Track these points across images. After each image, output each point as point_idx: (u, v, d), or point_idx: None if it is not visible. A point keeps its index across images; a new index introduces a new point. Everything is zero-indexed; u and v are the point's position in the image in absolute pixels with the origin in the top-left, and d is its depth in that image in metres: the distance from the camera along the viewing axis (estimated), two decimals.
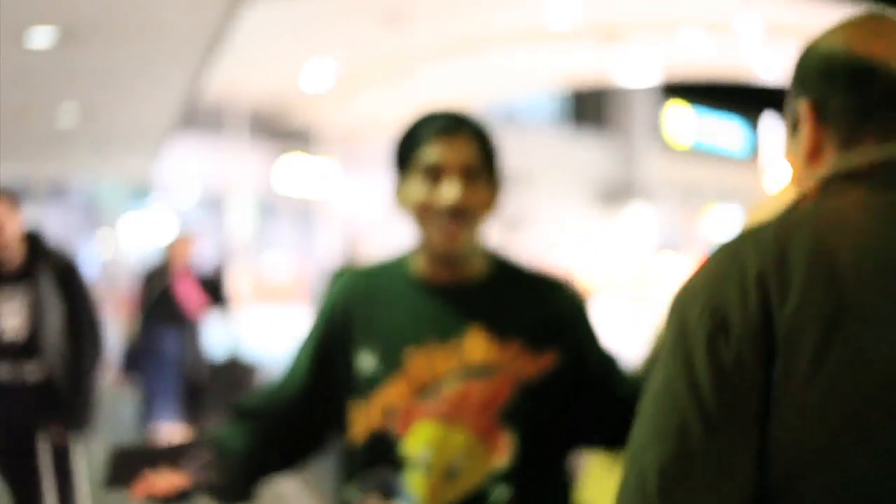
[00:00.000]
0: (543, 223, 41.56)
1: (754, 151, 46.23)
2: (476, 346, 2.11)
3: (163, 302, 9.38)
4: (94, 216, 22.02)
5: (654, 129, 44.70)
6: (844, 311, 1.28)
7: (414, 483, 2.11)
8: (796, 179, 1.49)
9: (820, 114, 1.43)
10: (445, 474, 2.10)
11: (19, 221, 4.60)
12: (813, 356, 1.27)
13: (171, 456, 2.12)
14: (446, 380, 2.10)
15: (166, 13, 7.63)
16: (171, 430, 9.31)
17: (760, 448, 1.29)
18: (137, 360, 9.49)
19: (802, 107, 1.45)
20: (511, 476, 2.11)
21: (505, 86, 29.79)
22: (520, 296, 2.17)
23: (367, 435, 2.15)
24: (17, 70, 8.90)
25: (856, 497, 1.27)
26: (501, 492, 2.10)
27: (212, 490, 2.17)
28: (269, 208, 28.48)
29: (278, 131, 26.57)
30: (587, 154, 44.02)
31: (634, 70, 27.16)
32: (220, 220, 25.59)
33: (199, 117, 19.38)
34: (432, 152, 2.12)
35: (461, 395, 2.09)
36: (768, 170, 31.78)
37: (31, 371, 4.56)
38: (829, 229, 1.34)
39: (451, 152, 2.11)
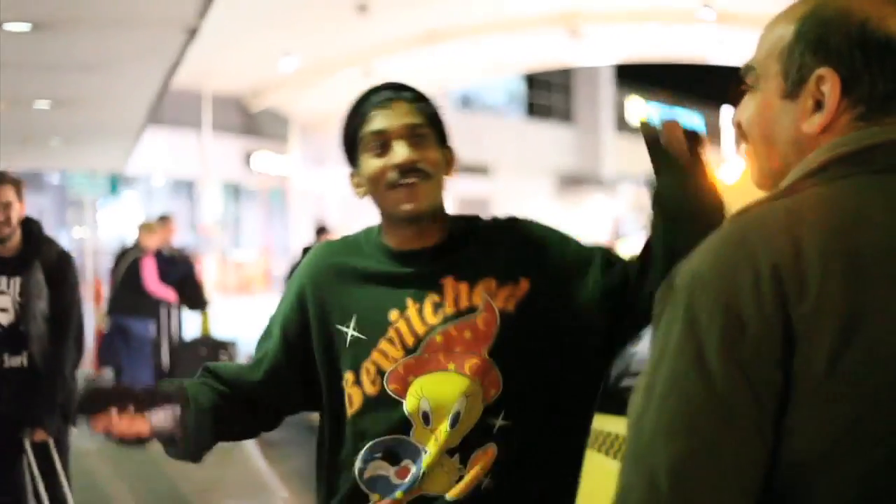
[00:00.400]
0: (504, 209, 41.50)
1: (712, 140, 46.50)
2: (453, 294, 2.14)
3: (130, 285, 9.42)
4: (67, 206, 22.02)
5: (614, 117, 44.93)
6: (864, 305, 1.25)
7: (420, 438, 2.12)
8: (782, 146, 1.42)
9: (845, 86, 1.36)
10: (449, 422, 2.11)
11: (23, 208, 4.56)
12: (832, 351, 1.25)
13: (142, 401, 2.14)
14: (431, 331, 2.12)
15: (143, 5, 7.58)
16: None
17: (774, 443, 1.27)
18: (110, 348, 9.54)
19: (825, 75, 1.36)
20: (503, 405, 2.12)
21: (469, 74, 29.91)
22: (483, 241, 2.19)
23: (362, 404, 2.16)
24: None
25: (872, 492, 1.26)
26: (497, 419, 2.11)
27: (167, 442, 2.19)
28: (238, 195, 28.54)
29: (247, 118, 26.62)
30: (548, 142, 44.18)
31: (595, 58, 27.36)
32: (191, 208, 25.61)
33: (169, 105, 19.39)
34: (374, 123, 2.13)
35: (446, 342, 2.12)
36: (727, 158, 32.06)
37: (17, 361, 4.52)
38: (845, 219, 1.29)
39: (393, 118, 2.13)
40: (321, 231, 11.03)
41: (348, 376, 2.17)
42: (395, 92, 2.18)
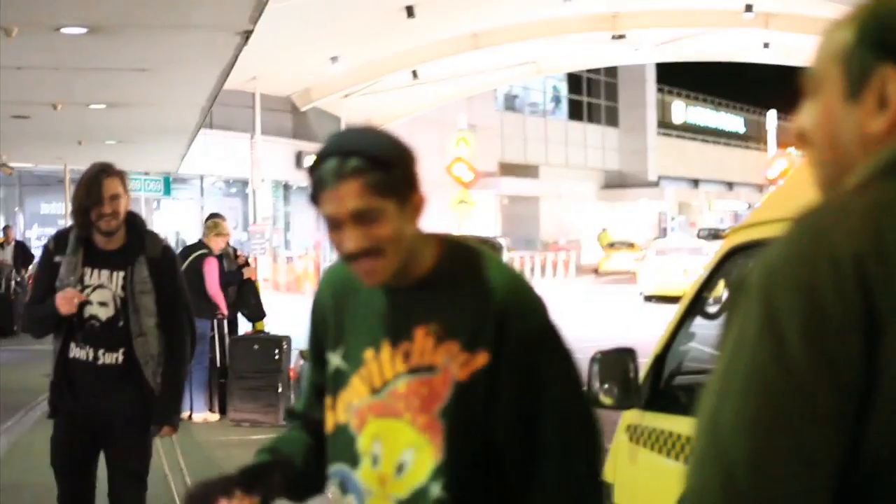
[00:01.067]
0: (552, 208, 41.57)
1: (756, 139, 46.26)
2: (420, 347, 2.15)
3: (190, 284, 9.38)
4: None
5: (658, 118, 44.78)
6: None
7: (366, 477, 2.17)
8: (846, 150, 1.39)
9: None
10: (395, 468, 2.16)
11: (130, 200, 4.44)
12: None
13: (244, 480, 2.18)
14: (396, 379, 2.15)
15: (197, 9, 7.72)
16: (204, 418, 9.51)
17: (855, 438, 1.24)
18: None
19: (889, 73, 1.33)
20: (443, 473, 2.12)
21: (514, 75, 29.98)
22: (459, 294, 2.16)
23: (333, 429, 2.22)
24: (52, 63, 9.08)
25: None
26: (436, 489, 2.12)
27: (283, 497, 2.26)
28: (289, 195, 28.79)
29: (298, 120, 26.86)
30: (592, 143, 44.08)
31: (639, 59, 27.32)
32: (244, 207, 25.85)
33: (221, 106, 19.60)
34: (324, 209, 2.07)
35: (407, 393, 2.15)
36: (772, 157, 31.85)
37: (112, 357, 4.42)
38: None
39: (338, 204, 2.04)
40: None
41: (328, 401, 2.22)
42: (342, 163, 2.03)
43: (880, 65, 1.33)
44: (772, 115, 31.23)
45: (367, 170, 2.03)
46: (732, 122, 49.89)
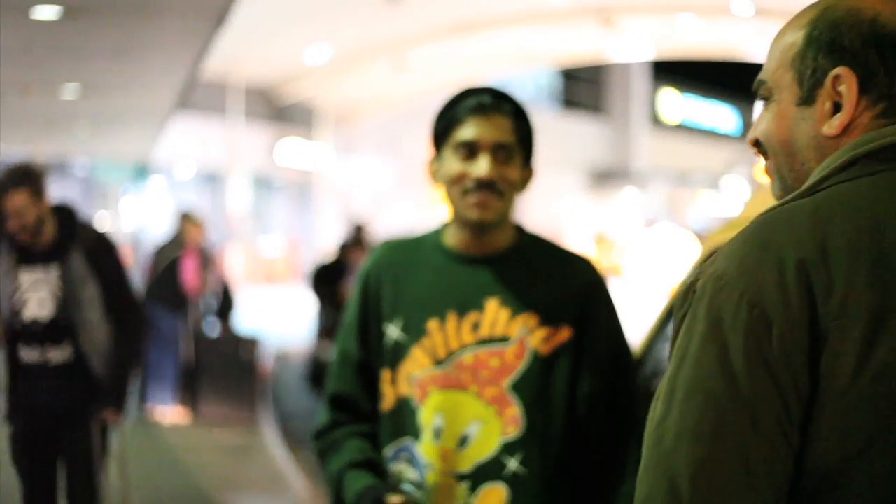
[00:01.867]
0: (537, 203, 41.61)
1: (744, 133, 46.42)
2: (492, 318, 2.16)
3: (168, 280, 9.39)
4: (94, 193, 22.08)
5: (648, 112, 44.78)
6: (891, 302, 1.22)
7: (427, 450, 2.15)
8: (802, 153, 1.38)
9: (862, 84, 1.33)
10: (457, 442, 2.13)
11: (45, 202, 4.30)
12: (861, 348, 1.21)
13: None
14: (463, 350, 2.15)
15: None
16: (170, 412, 9.39)
17: (800, 448, 1.23)
18: None
19: (842, 74, 1.34)
20: (521, 447, 2.13)
21: (501, 66, 29.79)
22: (541, 270, 2.21)
23: (394, 403, 2.19)
24: (22, 45, 8.88)
25: None
26: (513, 463, 2.13)
27: None
28: (266, 186, 28.52)
29: (276, 109, 26.58)
30: (581, 136, 44.05)
31: (629, 52, 27.18)
32: (219, 199, 25.62)
33: (197, 95, 19.37)
34: (468, 130, 2.16)
35: (474, 365, 2.14)
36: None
37: (61, 354, 4.34)
38: (873, 215, 1.26)
39: (487, 131, 2.16)
40: (360, 230, 10.90)
41: (385, 374, 2.20)
42: (497, 101, 2.20)
43: (832, 67, 1.34)
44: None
45: (517, 117, 2.21)
46: (724, 116, 49.81)
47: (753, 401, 1.21)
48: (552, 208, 40.91)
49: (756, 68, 1.51)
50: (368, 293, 2.26)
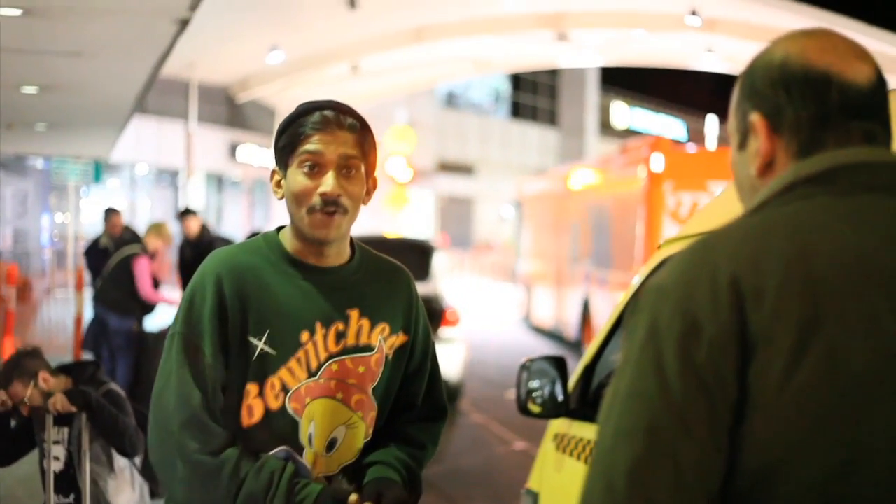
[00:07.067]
0: (488, 209, 41.74)
1: (694, 142, 46.74)
2: (355, 330, 2.26)
3: (120, 282, 9.32)
4: (51, 191, 22.01)
5: (598, 121, 45.09)
6: (821, 314, 1.28)
7: (308, 458, 2.24)
8: (745, 193, 1.48)
9: (773, 125, 1.43)
10: (325, 446, 2.24)
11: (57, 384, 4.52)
12: (789, 358, 1.27)
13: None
14: (330, 360, 2.23)
15: None
16: None
17: (730, 450, 1.29)
18: (91, 337, 9.47)
19: (755, 120, 1.44)
20: (369, 446, 2.32)
21: (455, 72, 29.98)
22: (380, 281, 2.33)
23: (262, 416, 2.20)
24: None
25: (829, 499, 1.28)
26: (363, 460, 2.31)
27: None
28: (222, 186, 28.55)
29: (233, 110, 26.63)
30: (532, 143, 44.27)
31: (581, 61, 27.45)
32: (175, 197, 25.61)
33: (156, 94, 19.37)
34: (312, 143, 2.19)
35: (342, 372, 2.24)
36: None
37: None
38: (802, 234, 1.33)
39: (330, 146, 2.19)
40: (186, 213, 10.73)
41: (251, 388, 2.19)
42: (341, 117, 2.23)
43: (751, 112, 1.45)
44: (712, 119, 31.57)
45: (360, 130, 2.24)
46: (673, 125, 50.35)
47: (684, 404, 1.27)
48: (501, 214, 41.12)
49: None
50: (230, 307, 2.19)
